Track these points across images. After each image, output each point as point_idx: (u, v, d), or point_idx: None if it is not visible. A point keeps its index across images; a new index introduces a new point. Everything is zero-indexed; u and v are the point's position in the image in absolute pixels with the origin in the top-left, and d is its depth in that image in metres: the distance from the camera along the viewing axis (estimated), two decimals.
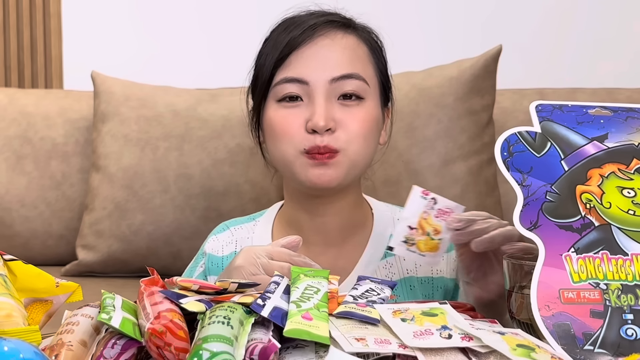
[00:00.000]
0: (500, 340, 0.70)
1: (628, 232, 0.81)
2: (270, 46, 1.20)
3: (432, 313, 0.75)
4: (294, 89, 1.15)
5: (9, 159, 1.99)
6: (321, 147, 1.12)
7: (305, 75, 1.15)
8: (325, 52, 1.16)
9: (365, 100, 1.16)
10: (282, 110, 1.16)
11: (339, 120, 1.14)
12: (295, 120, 1.14)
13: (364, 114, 1.15)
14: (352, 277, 1.18)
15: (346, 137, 1.13)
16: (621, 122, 0.91)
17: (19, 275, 0.88)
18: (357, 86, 1.15)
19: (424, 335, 0.69)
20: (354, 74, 1.15)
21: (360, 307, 0.77)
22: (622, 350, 0.75)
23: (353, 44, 1.19)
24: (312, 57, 1.15)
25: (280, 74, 1.16)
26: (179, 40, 2.38)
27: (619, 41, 2.29)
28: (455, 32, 2.30)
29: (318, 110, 1.12)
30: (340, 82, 1.14)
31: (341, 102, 1.15)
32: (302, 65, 1.15)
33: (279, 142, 1.16)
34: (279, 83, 1.16)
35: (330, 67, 1.15)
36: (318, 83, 1.14)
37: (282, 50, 1.16)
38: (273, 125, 1.16)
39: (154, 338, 0.70)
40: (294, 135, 1.14)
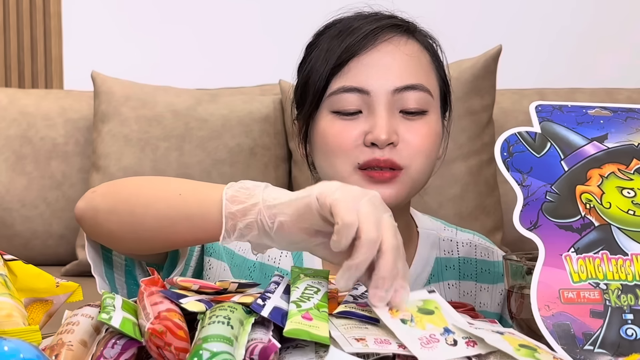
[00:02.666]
0: (502, 340, 0.70)
1: (628, 232, 0.81)
2: (323, 50, 1.08)
3: (428, 310, 0.75)
4: (353, 100, 1.04)
5: (9, 159, 1.99)
6: (381, 160, 1.01)
7: (366, 84, 1.04)
8: (389, 60, 1.05)
9: (429, 113, 1.06)
10: (338, 122, 1.04)
11: (402, 134, 1.03)
12: (352, 132, 1.03)
13: (427, 129, 1.05)
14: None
15: (408, 154, 1.03)
16: (621, 123, 0.91)
17: (19, 275, 0.88)
18: (421, 99, 1.05)
19: (430, 342, 0.69)
20: (418, 84, 1.05)
21: (360, 307, 0.77)
22: (622, 350, 0.75)
23: (417, 51, 1.09)
24: (373, 65, 1.05)
25: (336, 82, 1.05)
26: (179, 41, 2.38)
27: (618, 41, 2.29)
28: (455, 32, 2.30)
29: (380, 122, 1.02)
30: (403, 94, 1.04)
31: (403, 116, 1.05)
32: (362, 74, 1.04)
33: (332, 157, 1.05)
34: (335, 92, 1.04)
35: (393, 76, 1.04)
36: (380, 93, 1.03)
37: (340, 55, 1.05)
38: (326, 138, 1.05)
39: (154, 338, 0.70)
40: (349, 149, 1.03)
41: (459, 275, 1.12)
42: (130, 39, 2.40)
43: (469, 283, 1.11)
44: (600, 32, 2.29)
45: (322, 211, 0.77)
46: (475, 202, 1.78)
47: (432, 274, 1.11)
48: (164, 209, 0.91)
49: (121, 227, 0.92)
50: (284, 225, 0.81)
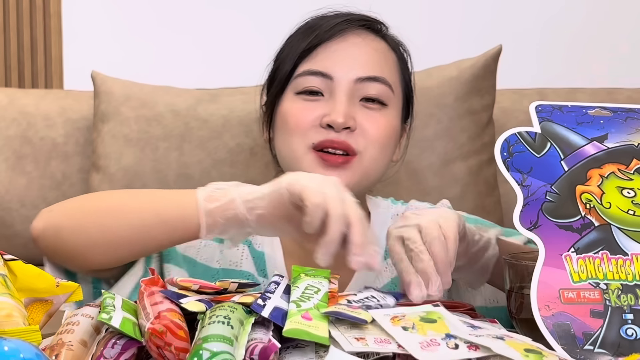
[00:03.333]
0: (507, 347, 0.69)
1: (628, 232, 0.81)
2: (296, 38, 1.13)
3: (431, 319, 0.75)
4: (316, 83, 1.09)
5: (9, 159, 1.99)
6: (336, 141, 1.06)
7: (330, 69, 1.08)
8: (355, 50, 1.10)
9: (388, 107, 1.11)
10: (299, 102, 1.10)
11: (359, 122, 1.07)
12: (312, 113, 1.08)
13: (385, 121, 1.10)
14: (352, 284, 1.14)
15: (364, 140, 1.07)
16: (621, 123, 0.91)
17: (19, 275, 0.88)
18: (383, 91, 1.10)
19: (430, 346, 0.69)
20: (380, 77, 1.10)
21: (351, 309, 0.76)
22: (622, 350, 0.75)
23: (384, 48, 1.14)
24: (340, 52, 1.09)
25: (304, 65, 1.10)
26: (179, 40, 2.38)
27: (618, 41, 2.29)
28: (455, 32, 2.30)
29: (338, 106, 1.06)
30: (365, 84, 1.09)
31: (363, 104, 1.09)
32: (328, 59, 1.09)
33: (289, 136, 1.09)
34: (301, 75, 1.10)
35: (358, 65, 1.09)
36: (343, 80, 1.08)
37: (310, 41, 1.10)
38: (286, 117, 1.10)
39: (154, 338, 0.70)
40: (306, 129, 1.08)
41: None
42: (130, 39, 2.40)
43: None
44: (600, 32, 2.29)
45: (293, 199, 0.85)
46: (475, 202, 1.78)
47: (386, 250, 1.13)
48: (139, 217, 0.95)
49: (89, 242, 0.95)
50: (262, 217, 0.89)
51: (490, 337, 0.72)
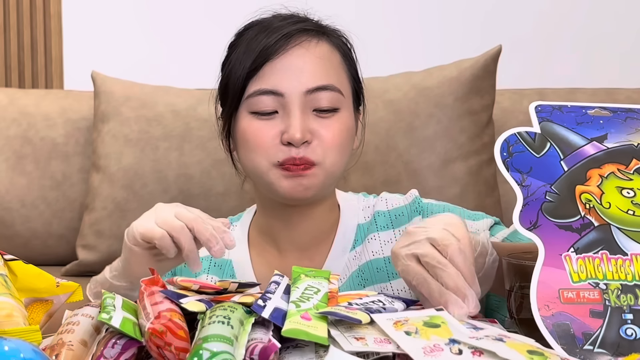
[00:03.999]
0: (510, 349, 0.69)
1: (627, 232, 0.82)
2: (241, 53, 1.17)
3: (435, 323, 0.74)
4: (269, 102, 1.12)
5: (9, 159, 1.99)
6: (297, 158, 1.10)
7: (280, 87, 1.12)
8: (300, 63, 1.13)
9: (340, 110, 1.14)
10: (255, 122, 1.13)
11: (315, 131, 1.12)
12: (270, 132, 1.12)
13: (339, 125, 1.13)
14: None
15: (322, 149, 1.12)
16: (620, 123, 0.92)
17: (19, 275, 0.88)
18: (332, 98, 1.13)
19: (434, 351, 0.69)
20: (329, 85, 1.13)
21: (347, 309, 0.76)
22: (621, 350, 0.75)
23: (327, 52, 1.16)
24: (286, 68, 1.13)
25: (253, 84, 1.13)
26: (179, 40, 2.38)
27: (618, 41, 2.29)
28: (455, 32, 2.30)
29: (294, 122, 1.10)
30: (315, 94, 1.12)
31: (316, 114, 1.13)
32: (276, 77, 1.12)
33: (252, 154, 1.14)
34: (252, 95, 1.13)
35: (305, 78, 1.12)
36: (293, 94, 1.11)
37: (254, 59, 1.13)
38: (246, 136, 1.14)
39: (154, 338, 0.70)
40: (268, 147, 1.12)
41: (376, 228, 1.19)
42: (130, 39, 2.40)
43: (387, 232, 1.18)
44: (600, 32, 2.29)
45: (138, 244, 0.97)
46: (475, 202, 1.78)
47: (355, 240, 1.20)
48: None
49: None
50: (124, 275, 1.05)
51: (490, 339, 0.72)
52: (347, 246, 1.19)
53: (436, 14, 2.32)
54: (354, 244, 1.19)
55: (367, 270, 1.17)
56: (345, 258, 1.18)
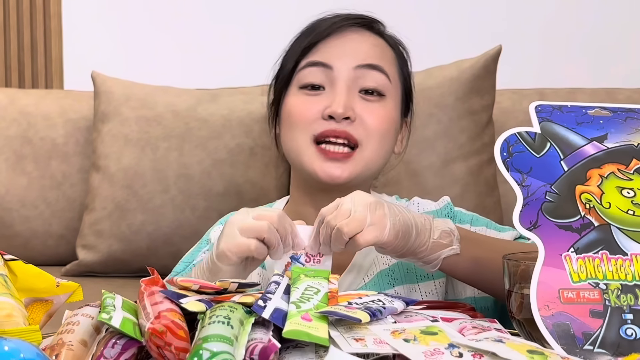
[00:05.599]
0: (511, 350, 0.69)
1: (627, 232, 0.81)
2: (297, 39, 1.19)
3: (432, 332, 0.74)
4: (318, 75, 1.14)
5: (9, 159, 1.99)
6: (337, 130, 1.10)
7: (330, 60, 1.14)
8: (354, 43, 1.15)
9: (386, 98, 1.15)
10: (302, 96, 1.15)
11: (359, 112, 1.12)
12: (314, 106, 1.13)
13: (383, 112, 1.14)
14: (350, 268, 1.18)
15: (364, 131, 1.12)
16: (620, 123, 0.91)
17: (19, 275, 0.88)
18: (380, 81, 1.14)
19: (435, 355, 0.69)
20: (378, 65, 1.14)
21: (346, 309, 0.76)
22: (621, 350, 0.75)
23: (382, 44, 1.19)
24: (339, 46, 1.15)
25: (305, 59, 1.16)
26: (179, 41, 2.38)
27: (618, 41, 2.29)
28: (455, 32, 2.30)
29: (338, 97, 1.11)
30: (364, 72, 1.13)
31: (362, 96, 1.14)
32: (328, 52, 1.15)
33: (294, 129, 1.14)
34: (303, 67, 1.15)
35: (357, 54, 1.14)
36: (342, 69, 1.13)
37: (310, 39, 1.16)
38: (291, 111, 1.15)
39: (154, 338, 0.70)
40: (309, 121, 1.12)
41: None
42: (131, 39, 2.40)
43: None
44: (600, 32, 2.29)
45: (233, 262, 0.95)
46: (475, 202, 1.78)
47: None
48: None
49: None
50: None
51: (490, 340, 0.72)
52: None
53: (436, 14, 2.32)
54: None
55: (397, 270, 1.17)
56: (373, 255, 1.18)
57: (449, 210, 1.22)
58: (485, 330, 0.79)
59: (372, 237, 0.94)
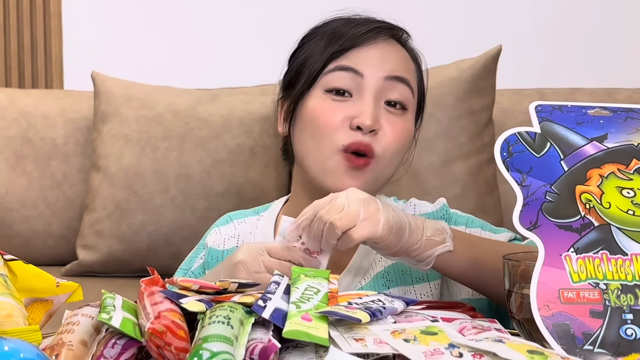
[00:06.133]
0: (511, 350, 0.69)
1: (627, 232, 0.81)
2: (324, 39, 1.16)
3: (432, 332, 0.74)
4: (346, 80, 1.12)
5: (9, 159, 1.99)
6: (363, 144, 1.10)
7: (361, 67, 1.12)
8: (385, 54, 1.14)
9: (408, 111, 1.15)
10: (328, 101, 1.12)
11: (382, 124, 1.12)
12: (340, 114, 1.11)
13: (404, 126, 1.14)
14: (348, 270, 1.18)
15: (385, 144, 1.12)
16: (621, 123, 0.91)
17: (19, 275, 0.88)
18: (406, 94, 1.14)
19: (435, 355, 0.69)
20: (406, 79, 1.14)
21: (346, 309, 0.76)
22: (621, 350, 0.75)
23: (407, 56, 1.19)
24: (371, 55, 1.13)
25: (335, 62, 1.13)
26: (179, 41, 2.38)
27: (618, 41, 2.29)
28: (455, 32, 2.30)
29: (367, 108, 1.10)
30: (392, 83, 1.13)
31: (386, 108, 1.13)
32: (359, 59, 1.13)
33: (319, 136, 1.12)
34: (332, 70, 1.13)
35: (387, 65, 1.13)
36: (372, 78, 1.12)
37: (342, 43, 1.14)
38: (316, 115, 1.13)
39: (154, 338, 0.70)
40: (335, 129, 1.11)
41: None
42: (130, 39, 2.40)
43: None
44: (600, 32, 2.29)
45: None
46: (475, 202, 1.78)
47: None
48: None
49: None
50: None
51: (490, 340, 0.72)
52: None
53: (436, 14, 2.32)
54: None
55: (393, 272, 1.17)
56: (372, 257, 1.18)
57: (445, 212, 1.22)
58: (485, 330, 0.79)
59: (366, 232, 0.94)
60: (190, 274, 1.23)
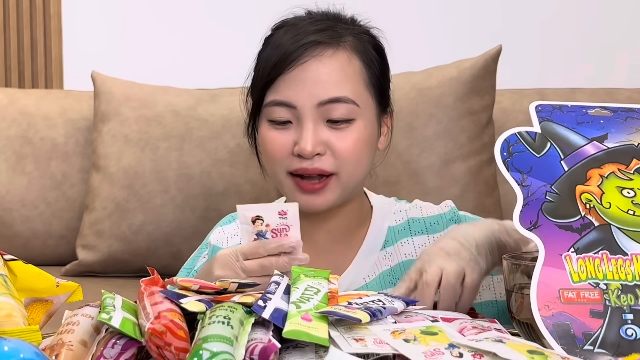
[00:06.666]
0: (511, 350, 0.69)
1: (628, 232, 0.81)
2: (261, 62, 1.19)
3: (432, 332, 0.74)
4: (283, 113, 1.14)
5: (9, 159, 1.99)
6: (309, 169, 1.12)
7: (292, 99, 1.13)
8: (313, 76, 1.14)
9: (356, 120, 1.15)
10: (272, 131, 1.16)
11: (328, 142, 1.13)
12: (285, 143, 1.14)
13: (354, 136, 1.14)
14: (351, 268, 1.19)
15: (336, 161, 1.13)
16: (621, 123, 0.91)
17: (19, 275, 0.88)
18: (346, 110, 1.14)
19: (435, 355, 0.69)
20: (342, 97, 1.13)
21: (346, 309, 0.76)
22: (621, 350, 0.75)
23: (343, 62, 1.16)
24: (299, 81, 1.14)
25: (269, 95, 1.16)
26: (179, 40, 2.38)
27: (618, 41, 2.29)
28: (455, 32, 2.30)
29: (305, 135, 1.12)
30: (328, 106, 1.13)
31: (330, 125, 1.14)
32: (289, 89, 1.14)
33: (270, 162, 1.18)
34: (268, 105, 1.16)
35: (318, 90, 1.13)
36: (306, 107, 1.13)
37: (269, 72, 1.15)
38: (264, 144, 1.18)
39: (154, 338, 0.70)
40: (282, 157, 1.14)
41: (410, 233, 1.22)
42: (130, 39, 2.40)
43: (422, 237, 1.22)
44: (600, 32, 2.29)
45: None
46: (475, 202, 1.78)
47: (386, 240, 1.22)
48: None
49: None
50: None
51: (490, 340, 0.72)
52: (377, 245, 1.22)
53: (436, 14, 2.32)
54: (384, 244, 1.22)
55: (399, 270, 1.19)
56: (374, 256, 1.20)
57: (454, 214, 1.22)
58: (486, 331, 0.79)
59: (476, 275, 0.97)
60: (194, 272, 1.24)
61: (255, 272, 0.95)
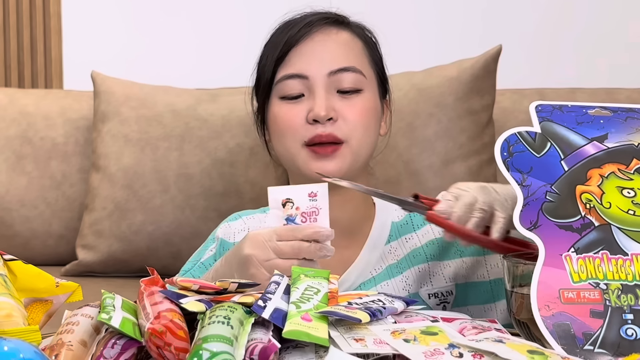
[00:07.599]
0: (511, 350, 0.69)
1: (628, 232, 0.81)
2: (270, 47, 1.26)
3: (432, 332, 0.74)
4: (296, 85, 1.20)
5: (9, 159, 1.99)
6: (323, 135, 1.17)
7: (304, 70, 1.20)
8: (321, 47, 1.22)
9: (364, 91, 1.22)
10: (285, 105, 1.21)
11: (339, 110, 1.19)
12: (298, 113, 1.20)
13: (362, 104, 1.21)
14: (358, 261, 1.22)
15: (348, 128, 1.19)
16: (621, 123, 0.91)
17: (19, 275, 0.88)
18: (354, 79, 1.21)
19: (435, 355, 0.69)
20: (350, 67, 1.21)
21: (346, 309, 0.76)
22: (622, 350, 0.75)
23: (347, 39, 1.25)
24: (309, 53, 1.21)
25: (281, 71, 1.22)
26: (179, 41, 2.38)
27: (618, 41, 2.29)
28: (455, 32, 2.30)
29: (318, 101, 1.18)
30: (338, 75, 1.20)
31: (340, 95, 1.20)
32: (301, 61, 1.21)
33: (283, 137, 1.21)
34: (281, 80, 1.22)
35: (327, 60, 1.21)
36: (317, 76, 1.20)
37: (281, 48, 1.22)
38: (277, 120, 1.22)
39: (154, 338, 0.70)
40: (296, 128, 1.19)
41: (413, 228, 1.26)
42: (130, 38, 2.40)
43: (424, 228, 1.26)
44: (600, 32, 2.29)
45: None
46: None
47: (390, 235, 1.25)
48: None
49: None
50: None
51: (490, 340, 0.72)
52: (382, 240, 1.25)
53: (436, 14, 2.31)
54: (388, 239, 1.25)
55: (405, 263, 1.23)
56: (380, 250, 1.24)
57: None
58: (486, 331, 0.79)
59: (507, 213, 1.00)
60: (200, 264, 1.26)
61: (287, 253, 0.97)
